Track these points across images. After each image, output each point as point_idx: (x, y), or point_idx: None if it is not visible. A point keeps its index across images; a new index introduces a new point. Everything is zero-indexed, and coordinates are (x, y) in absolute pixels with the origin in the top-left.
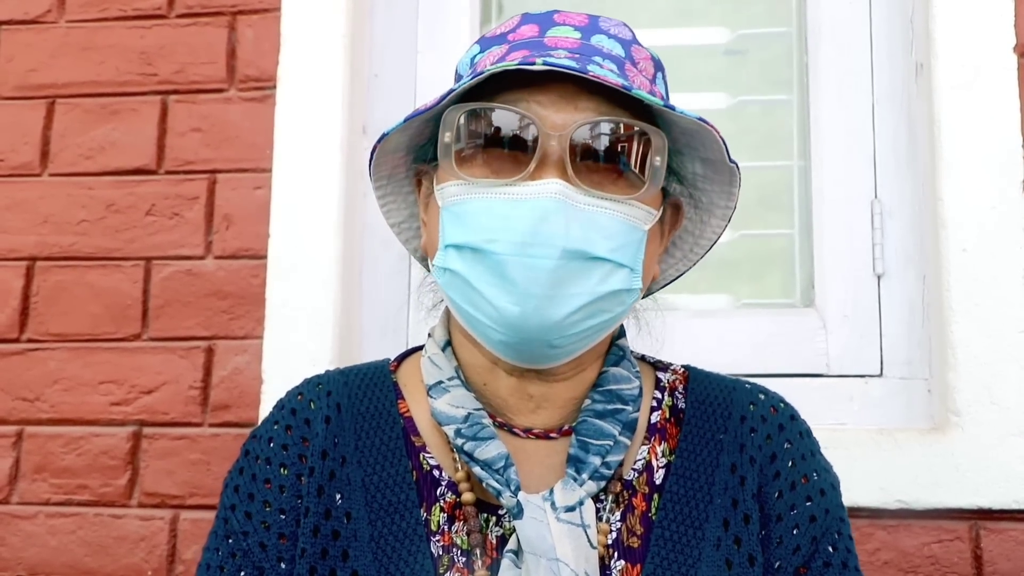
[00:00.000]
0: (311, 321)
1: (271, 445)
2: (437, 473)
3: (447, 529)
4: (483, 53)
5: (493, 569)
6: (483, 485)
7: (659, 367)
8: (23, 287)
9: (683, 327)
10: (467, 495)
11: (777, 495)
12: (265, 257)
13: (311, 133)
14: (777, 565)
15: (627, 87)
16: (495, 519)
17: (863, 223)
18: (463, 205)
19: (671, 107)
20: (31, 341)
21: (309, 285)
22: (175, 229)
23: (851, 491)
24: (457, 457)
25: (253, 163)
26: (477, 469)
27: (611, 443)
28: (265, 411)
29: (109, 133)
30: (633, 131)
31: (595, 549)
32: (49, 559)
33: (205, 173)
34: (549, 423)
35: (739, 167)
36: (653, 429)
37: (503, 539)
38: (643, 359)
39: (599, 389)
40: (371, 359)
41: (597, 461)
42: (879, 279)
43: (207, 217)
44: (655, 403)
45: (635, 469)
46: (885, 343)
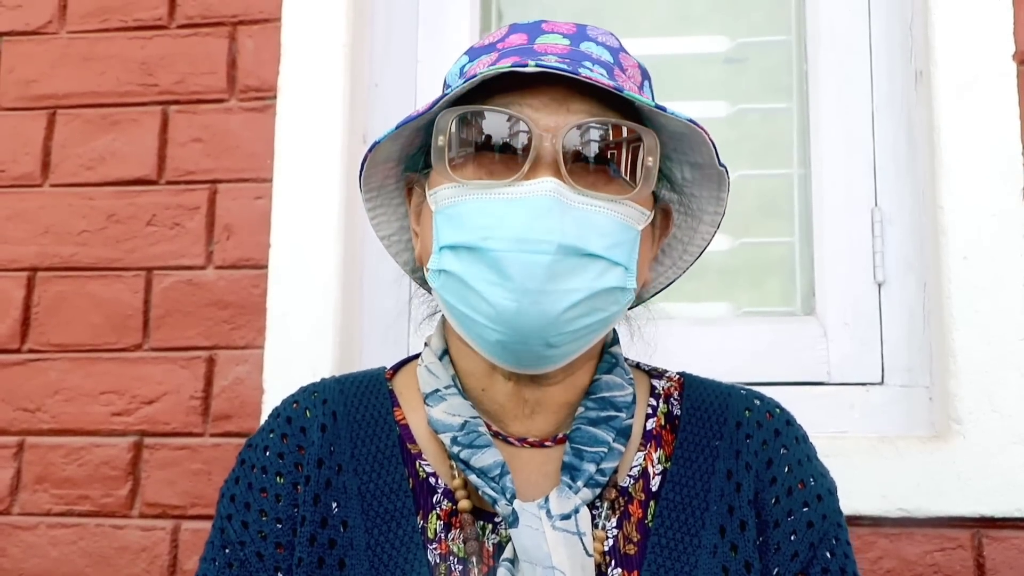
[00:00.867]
0: (312, 331)
1: (267, 454)
2: (433, 481)
3: (444, 537)
4: (473, 62)
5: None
6: (479, 493)
7: (654, 374)
8: (24, 297)
9: (683, 335)
10: (464, 503)
11: (774, 501)
12: (266, 267)
13: (311, 143)
14: (775, 572)
15: (618, 88)
16: (491, 527)
17: (863, 231)
18: (457, 207)
19: (662, 108)
20: (32, 351)
21: (310, 295)
22: (176, 239)
23: (852, 499)
24: (453, 465)
25: (254, 173)
26: (473, 477)
27: (605, 450)
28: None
29: (110, 143)
30: (625, 132)
31: (591, 557)
32: (50, 570)
33: (206, 183)
34: (544, 430)
35: (728, 171)
36: (649, 436)
37: (499, 547)
38: (638, 366)
39: (592, 396)
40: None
41: (592, 468)
42: (880, 287)
43: (208, 227)
44: (650, 410)
45: (631, 476)
46: (886, 351)
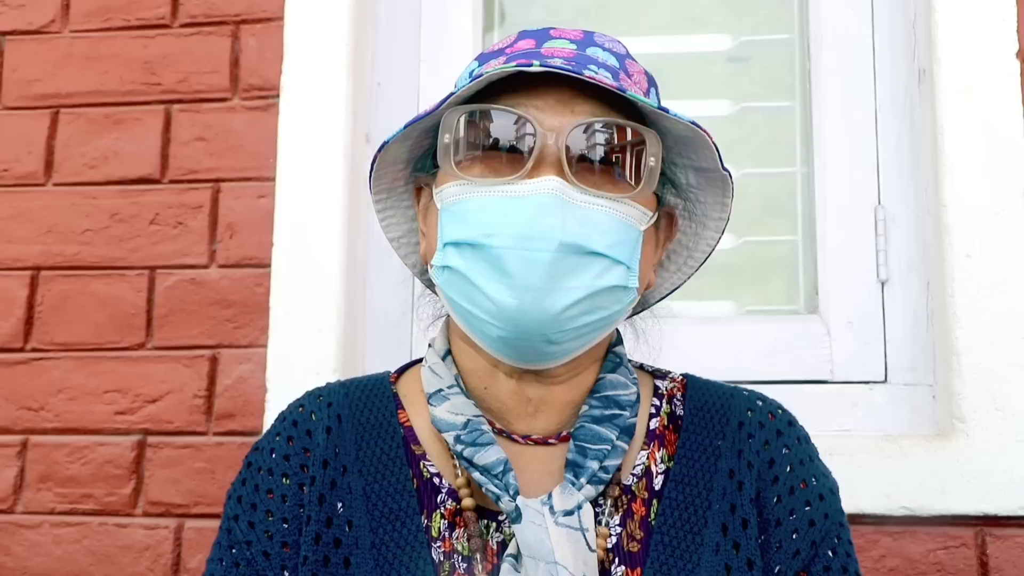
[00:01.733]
0: (315, 330)
1: (273, 456)
2: (437, 480)
3: (448, 536)
4: (482, 67)
5: (493, 574)
6: (482, 490)
7: (657, 375)
8: (27, 296)
9: (686, 334)
10: (467, 500)
11: (776, 500)
12: (269, 266)
13: (314, 142)
14: (777, 570)
15: (621, 88)
16: (495, 525)
17: (866, 229)
18: (462, 204)
19: (664, 109)
20: (36, 350)
21: (313, 294)
22: (179, 238)
23: (856, 498)
24: (457, 463)
25: (257, 172)
26: (476, 474)
27: (608, 447)
28: (269, 420)
29: (113, 143)
30: (628, 132)
31: (594, 552)
32: (54, 568)
33: (209, 182)
34: (547, 428)
35: (732, 176)
36: (652, 435)
37: (503, 545)
38: (641, 367)
39: (596, 395)
40: (374, 368)
41: (595, 465)
42: (883, 285)
43: (211, 226)
44: (653, 410)
45: (634, 474)
46: (889, 349)
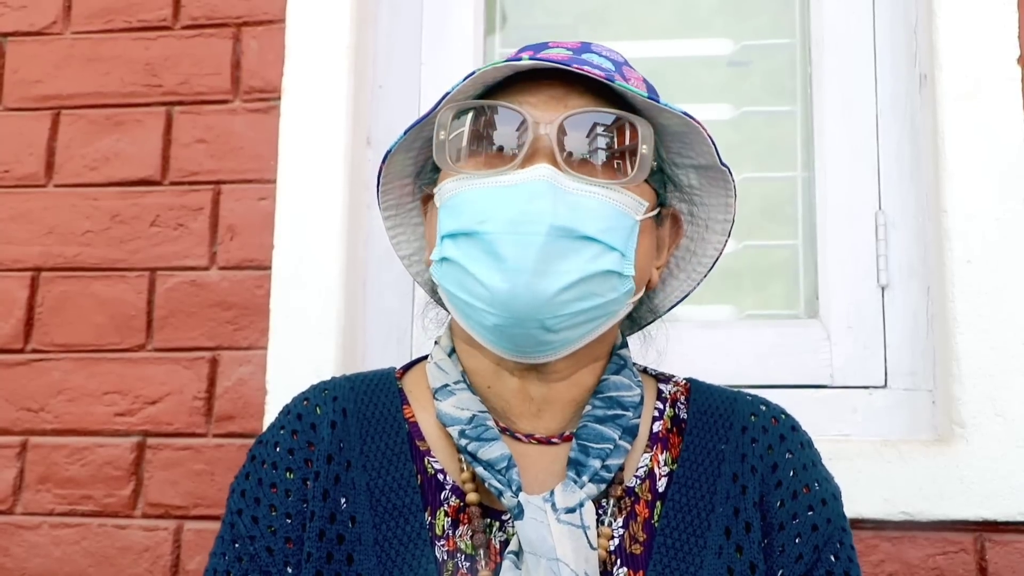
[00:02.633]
0: (315, 332)
1: (277, 450)
2: (441, 477)
3: (451, 534)
4: (478, 69)
5: (497, 571)
6: (486, 486)
7: (661, 379)
8: (28, 298)
9: (686, 338)
10: (472, 495)
11: (779, 504)
12: (269, 268)
13: (315, 144)
14: (780, 574)
15: (609, 78)
16: (499, 524)
17: (867, 234)
18: (458, 197)
19: (655, 99)
20: (35, 351)
21: (313, 296)
22: (179, 240)
23: (855, 503)
24: (461, 458)
25: (257, 174)
26: (480, 469)
27: (611, 447)
28: (270, 421)
29: (114, 144)
30: (619, 121)
31: (595, 550)
32: (53, 570)
33: (209, 184)
34: (551, 427)
35: (732, 171)
36: (655, 438)
37: (506, 544)
38: (645, 371)
39: (600, 395)
40: (375, 369)
41: (597, 464)
42: (883, 290)
43: (211, 228)
44: (657, 413)
45: (638, 476)
46: (889, 354)
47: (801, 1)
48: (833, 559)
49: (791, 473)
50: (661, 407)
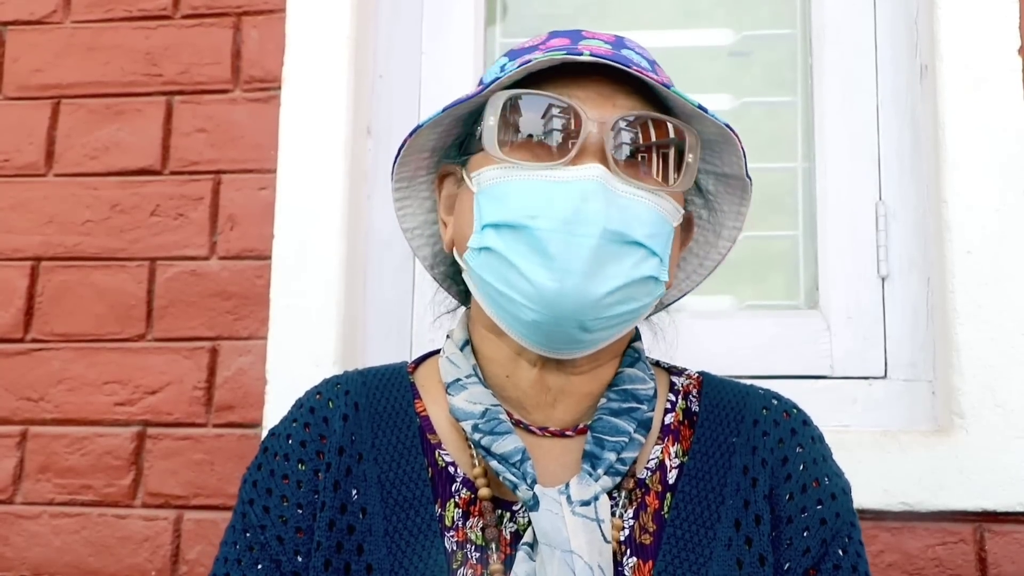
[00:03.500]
0: (315, 322)
1: (289, 442)
2: (452, 470)
3: (461, 525)
4: (513, 62)
5: (507, 564)
6: (499, 479)
7: (673, 371)
8: (28, 287)
9: (686, 328)
10: (484, 490)
11: (788, 497)
12: (269, 258)
13: (316, 134)
14: (787, 567)
15: (667, 84)
16: (510, 515)
17: (867, 225)
18: (503, 186)
19: (703, 109)
20: (35, 341)
21: (313, 286)
22: (179, 229)
23: (855, 493)
24: (474, 452)
25: (258, 164)
26: (494, 463)
27: (626, 440)
28: (269, 411)
29: (114, 133)
30: (669, 127)
31: (609, 543)
32: (53, 559)
33: (210, 174)
34: (565, 419)
35: (752, 183)
36: (667, 430)
37: (517, 535)
38: (657, 364)
39: (615, 388)
40: (375, 360)
41: (612, 457)
42: (883, 281)
43: (211, 218)
44: (669, 405)
45: (648, 468)
46: (889, 345)
47: None
48: (841, 553)
49: (801, 467)
50: (673, 399)
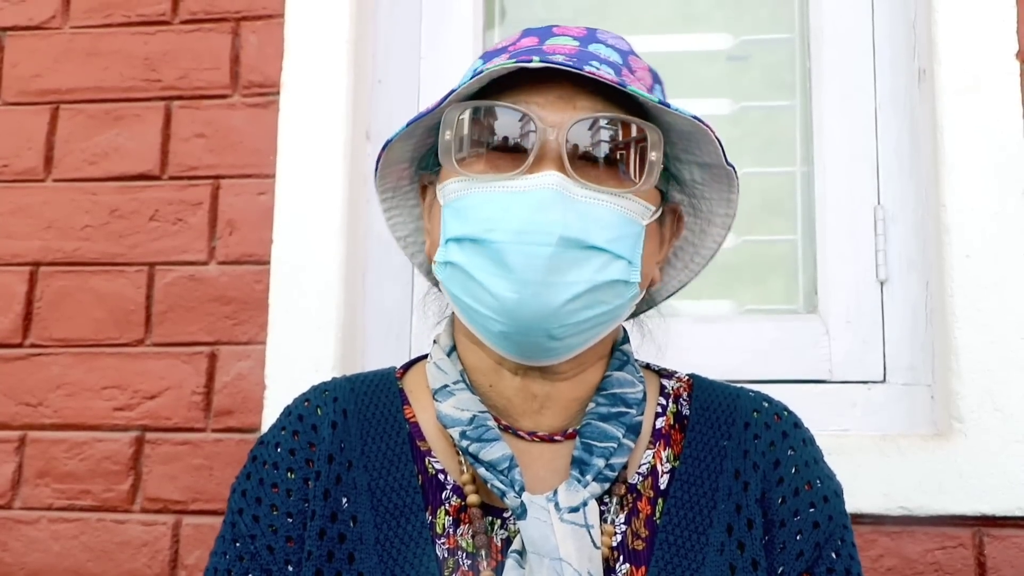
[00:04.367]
0: (314, 326)
1: (278, 450)
2: (442, 477)
3: (452, 532)
4: (485, 64)
5: (498, 571)
6: (488, 486)
7: (663, 374)
8: (27, 292)
9: (685, 333)
10: (472, 497)
11: (780, 501)
12: (268, 262)
13: (314, 139)
14: (781, 571)
15: (621, 83)
16: (500, 522)
17: (866, 229)
18: (463, 200)
19: (665, 104)
20: (34, 346)
21: (312, 290)
22: (178, 234)
23: (854, 497)
24: (462, 459)
25: (257, 169)
26: (482, 470)
27: (615, 445)
28: (268, 416)
29: (113, 139)
30: (629, 127)
31: (598, 549)
32: (52, 564)
33: (209, 179)
34: (553, 425)
35: (736, 170)
36: (658, 435)
37: (508, 542)
38: (647, 367)
39: (603, 393)
40: (374, 364)
41: (601, 463)
42: (882, 285)
43: (210, 222)
44: (660, 409)
45: (640, 473)
46: (888, 349)
47: None
48: (834, 556)
49: (793, 470)
50: (664, 403)
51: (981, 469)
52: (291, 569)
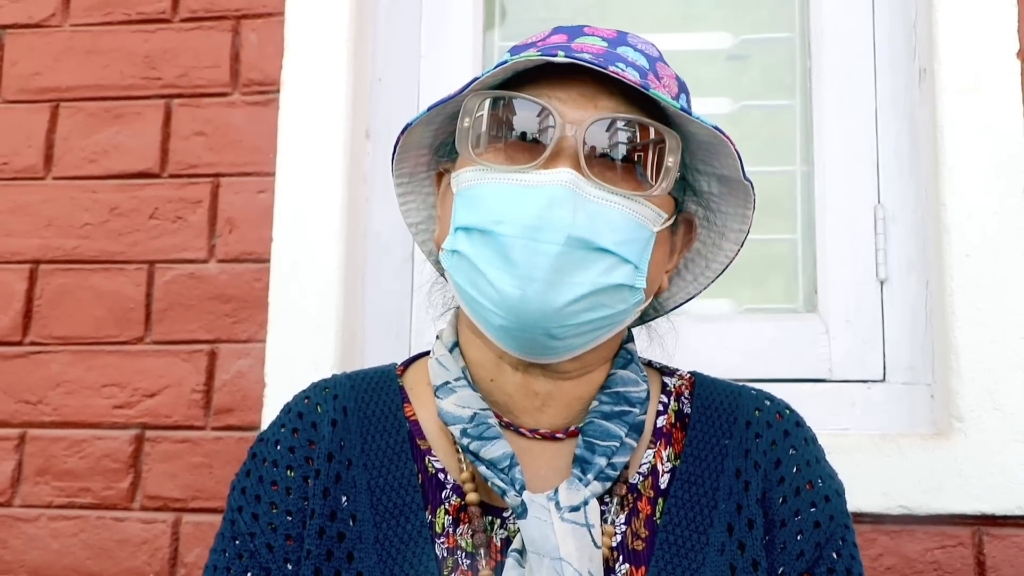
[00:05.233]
0: (314, 324)
1: (278, 448)
2: (442, 476)
3: (452, 531)
4: (513, 58)
5: (497, 570)
6: (488, 485)
7: (665, 372)
8: (26, 290)
9: (685, 332)
10: (472, 495)
11: (781, 500)
12: (268, 261)
13: (314, 137)
14: (781, 571)
15: (644, 85)
16: (499, 521)
17: (866, 228)
18: (476, 189)
19: (687, 111)
20: (34, 344)
21: (312, 288)
22: (178, 232)
23: (854, 497)
24: (462, 457)
25: (256, 167)
26: (482, 468)
27: (617, 444)
28: (268, 414)
29: (113, 137)
30: (648, 131)
31: (599, 549)
32: (51, 562)
33: (208, 177)
34: (555, 422)
35: (753, 186)
36: (659, 433)
37: (507, 541)
38: (649, 364)
39: (607, 391)
40: (374, 362)
41: (603, 462)
42: (882, 284)
43: (210, 221)
44: (661, 407)
45: (640, 473)
46: (888, 348)
47: None
48: (835, 556)
49: (794, 469)
50: (666, 401)
51: (981, 468)
52: (290, 568)
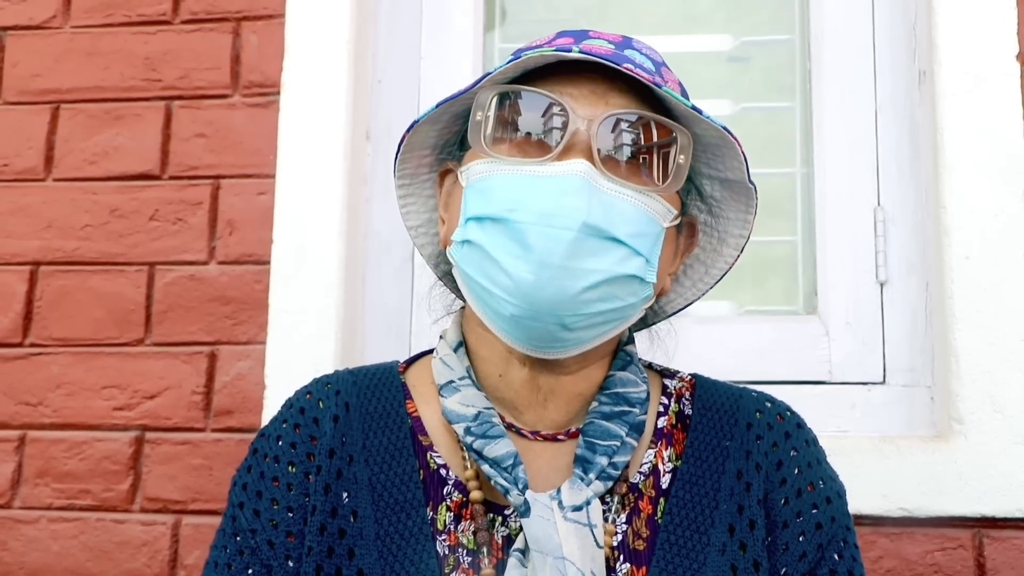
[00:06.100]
0: (314, 326)
1: (279, 443)
2: (444, 472)
3: (453, 528)
4: (518, 59)
5: (499, 568)
6: (491, 483)
7: (666, 374)
8: (27, 291)
9: (685, 333)
10: (475, 493)
11: (783, 502)
12: (268, 262)
13: (315, 139)
14: (783, 572)
15: (657, 83)
16: (501, 519)
17: (866, 230)
18: (488, 180)
19: (697, 110)
20: (34, 345)
21: (312, 290)
22: (178, 234)
23: (854, 499)
24: (466, 455)
25: (257, 169)
26: (486, 467)
27: (618, 444)
28: (268, 416)
29: (113, 138)
30: (660, 128)
31: (601, 548)
32: (51, 564)
33: (209, 178)
34: (557, 419)
35: (756, 190)
36: (660, 434)
37: (509, 539)
38: (650, 367)
39: (606, 392)
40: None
41: (604, 461)
42: (882, 286)
43: (210, 222)
44: (662, 408)
45: (641, 472)
46: (888, 350)
47: None
48: (837, 557)
49: (795, 471)
50: (666, 402)
51: (981, 471)
52: (291, 564)
